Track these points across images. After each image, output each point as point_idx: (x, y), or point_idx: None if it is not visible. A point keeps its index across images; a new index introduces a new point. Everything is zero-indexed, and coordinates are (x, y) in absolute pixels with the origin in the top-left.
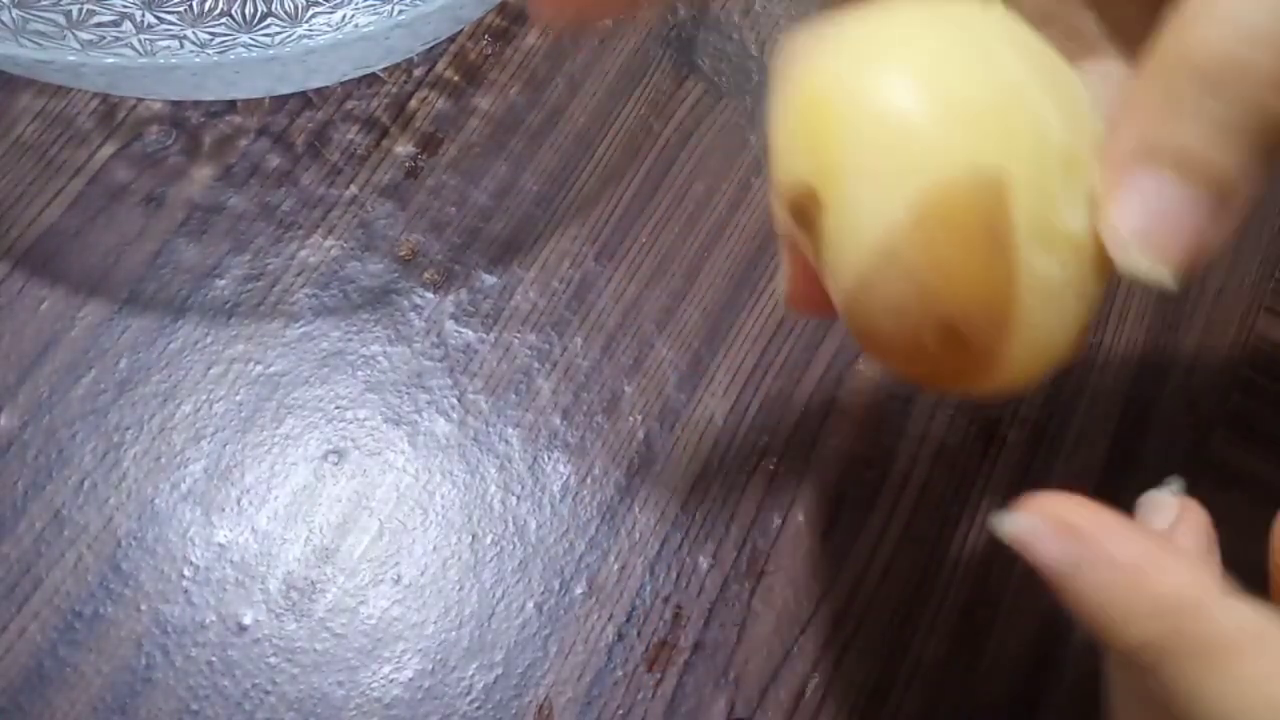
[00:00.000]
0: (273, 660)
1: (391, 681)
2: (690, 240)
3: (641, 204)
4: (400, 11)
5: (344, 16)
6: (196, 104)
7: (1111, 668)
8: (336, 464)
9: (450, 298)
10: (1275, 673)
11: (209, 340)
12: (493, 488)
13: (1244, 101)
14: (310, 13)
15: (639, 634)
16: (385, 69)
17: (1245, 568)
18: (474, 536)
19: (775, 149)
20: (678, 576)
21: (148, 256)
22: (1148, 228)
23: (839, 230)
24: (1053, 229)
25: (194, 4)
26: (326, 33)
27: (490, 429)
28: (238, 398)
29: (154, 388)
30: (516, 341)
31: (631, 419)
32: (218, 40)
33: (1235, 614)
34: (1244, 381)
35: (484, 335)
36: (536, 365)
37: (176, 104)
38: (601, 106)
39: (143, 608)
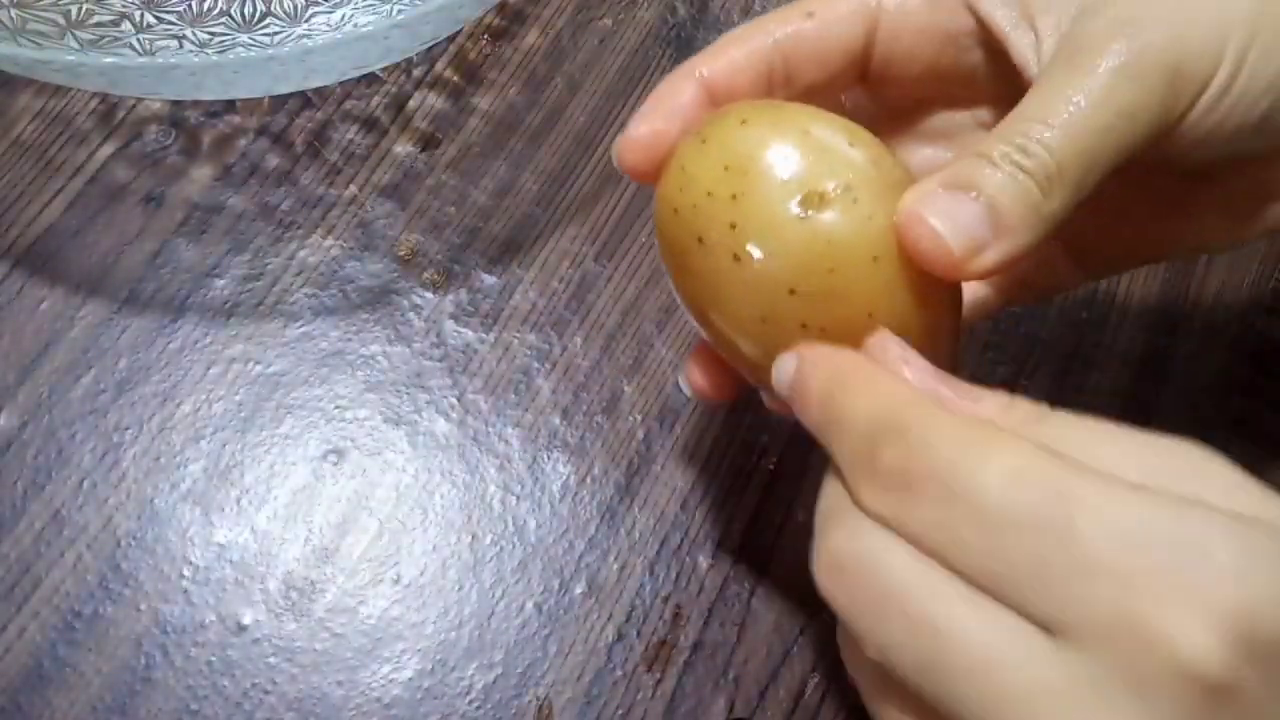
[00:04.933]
0: (272, 660)
1: (391, 681)
2: None
3: (641, 204)
4: (399, 11)
5: (343, 16)
6: (196, 104)
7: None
8: (336, 464)
9: (450, 298)
10: None
11: (208, 340)
12: (492, 488)
13: (1020, 184)
14: (309, 12)
15: (639, 634)
16: (384, 69)
17: None
18: (474, 536)
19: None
20: (678, 576)
21: (147, 256)
22: (941, 219)
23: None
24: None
25: (193, 4)
26: (325, 32)
27: (490, 429)
28: (237, 398)
29: (153, 388)
30: (516, 341)
31: (631, 419)
32: (217, 40)
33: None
34: (1244, 381)
35: (484, 335)
36: (536, 365)
37: (176, 104)
38: (601, 106)
39: (142, 608)
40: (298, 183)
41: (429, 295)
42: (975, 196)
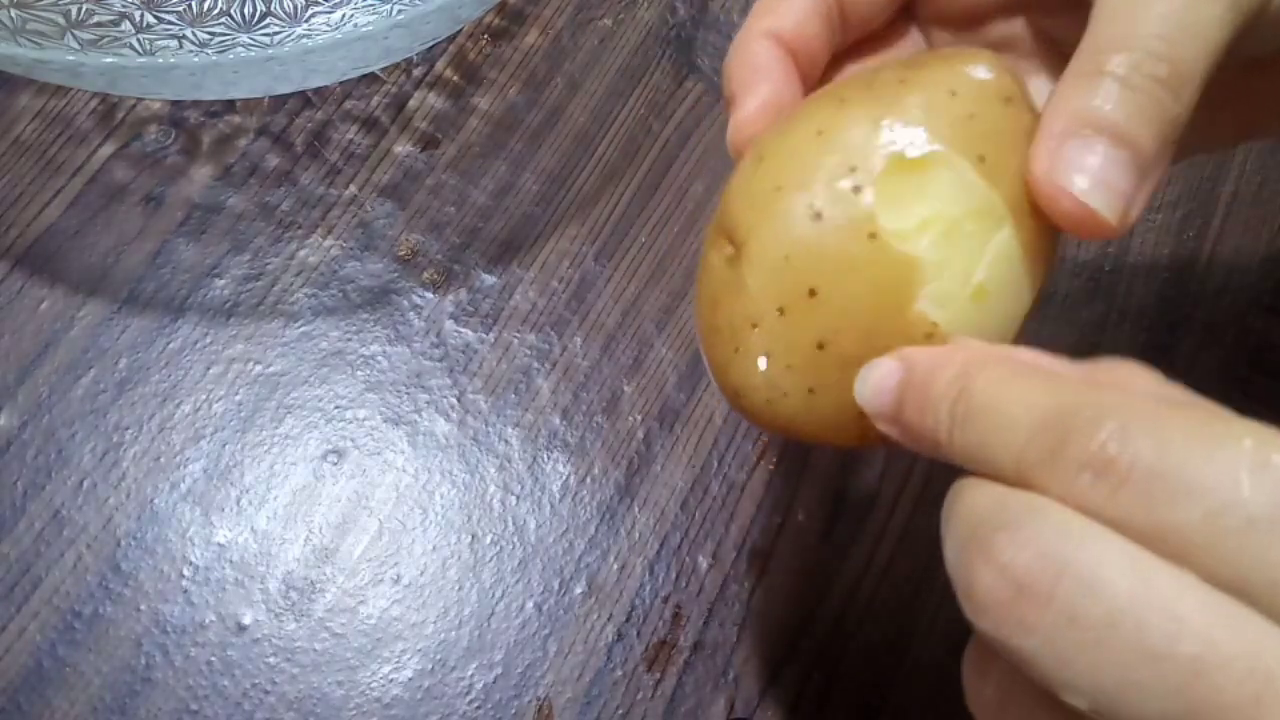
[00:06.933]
0: (272, 660)
1: (391, 681)
2: (690, 240)
3: (641, 204)
4: (399, 11)
5: (343, 16)
6: (196, 104)
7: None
8: (336, 464)
9: (450, 298)
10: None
11: (208, 340)
12: (492, 488)
13: (1152, 98)
14: (309, 12)
15: (639, 634)
16: (384, 69)
17: None
18: (474, 536)
19: None
20: (677, 576)
21: (147, 256)
22: (1086, 182)
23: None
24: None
25: (193, 4)
26: (325, 32)
27: (490, 429)
28: (237, 398)
29: (153, 388)
30: (516, 341)
31: (631, 419)
32: (217, 40)
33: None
34: (1244, 381)
35: (484, 335)
36: (536, 365)
37: (176, 104)
38: (601, 106)
39: (142, 608)
40: (298, 183)
41: (429, 295)
42: (1107, 137)
